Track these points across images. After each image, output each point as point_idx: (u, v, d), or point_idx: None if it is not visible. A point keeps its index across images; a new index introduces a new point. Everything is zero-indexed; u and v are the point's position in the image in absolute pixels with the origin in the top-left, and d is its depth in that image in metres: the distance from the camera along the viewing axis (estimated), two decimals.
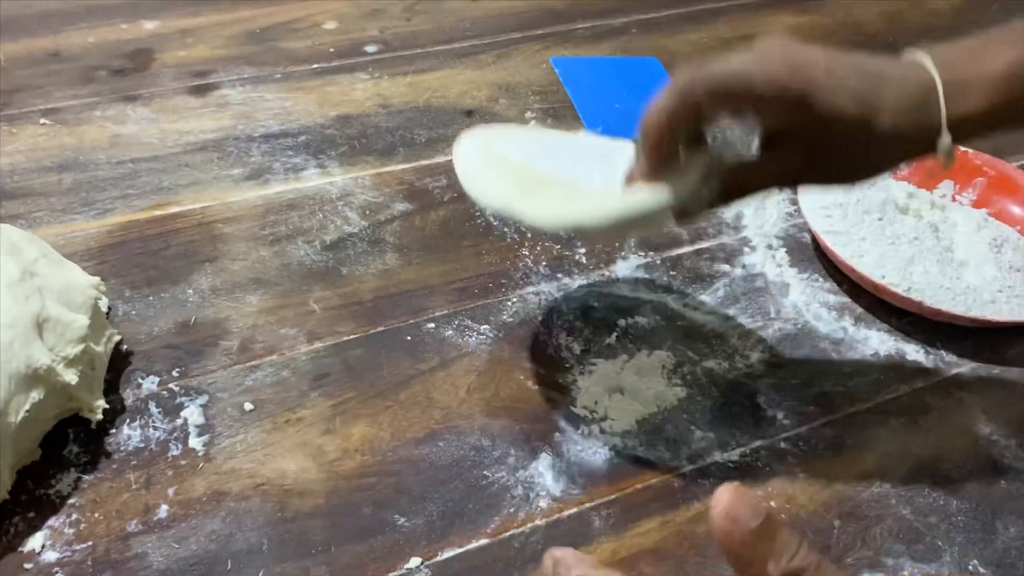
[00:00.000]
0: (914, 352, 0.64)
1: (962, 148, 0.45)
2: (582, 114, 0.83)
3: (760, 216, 0.74)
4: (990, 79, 0.47)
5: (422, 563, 0.49)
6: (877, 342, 0.64)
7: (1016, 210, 0.72)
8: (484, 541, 0.51)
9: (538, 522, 0.52)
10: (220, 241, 0.67)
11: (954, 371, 0.63)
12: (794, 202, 0.73)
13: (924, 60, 0.48)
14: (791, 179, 0.52)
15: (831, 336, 0.65)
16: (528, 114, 0.80)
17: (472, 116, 0.82)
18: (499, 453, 0.55)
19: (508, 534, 0.51)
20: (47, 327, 0.51)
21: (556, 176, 0.52)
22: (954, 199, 0.74)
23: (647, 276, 0.68)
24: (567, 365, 0.60)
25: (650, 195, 0.49)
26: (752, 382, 0.61)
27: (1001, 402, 0.61)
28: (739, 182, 0.52)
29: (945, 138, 0.47)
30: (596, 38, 0.95)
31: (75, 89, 0.81)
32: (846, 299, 0.67)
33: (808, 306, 0.66)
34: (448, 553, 0.50)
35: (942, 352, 0.64)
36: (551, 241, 0.70)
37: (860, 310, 0.66)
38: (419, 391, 0.58)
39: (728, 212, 0.74)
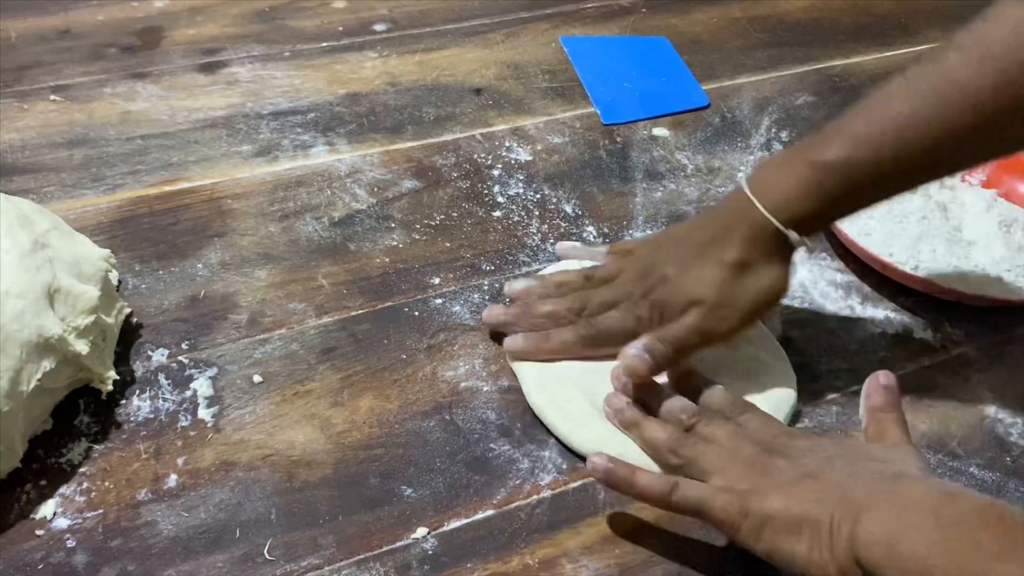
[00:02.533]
0: (921, 330, 0.64)
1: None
2: (591, 93, 0.83)
3: None
4: (806, 186, 0.52)
5: (428, 533, 0.50)
6: (884, 320, 0.64)
7: None
8: (490, 512, 0.51)
9: (544, 494, 0.52)
10: (229, 217, 0.68)
11: (961, 349, 0.63)
12: None
13: (743, 187, 0.54)
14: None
15: (838, 314, 0.65)
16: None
17: (481, 94, 0.82)
18: (506, 426, 0.55)
19: (514, 505, 0.51)
20: (58, 298, 0.51)
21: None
22: (963, 179, 0.74)
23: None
24: None
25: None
26: None
27: (1008, 380, 0.61)
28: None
29: (794, 236, 0.53)
30: (605, 17, 0.94)
31: (85, 66, 0.81)
32: (853, 278, 0.67)
33: (815, 284, 0.66)
34: (454, 523, 0.50)
35: (949, 330, 0.64)
36: (559, 219, 0.70)
37: (867, 289, 0.66)
38: (426, 365, 0.58)
39: None
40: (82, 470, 0.51)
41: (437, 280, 0.64)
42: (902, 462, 0.47)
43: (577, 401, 0.55)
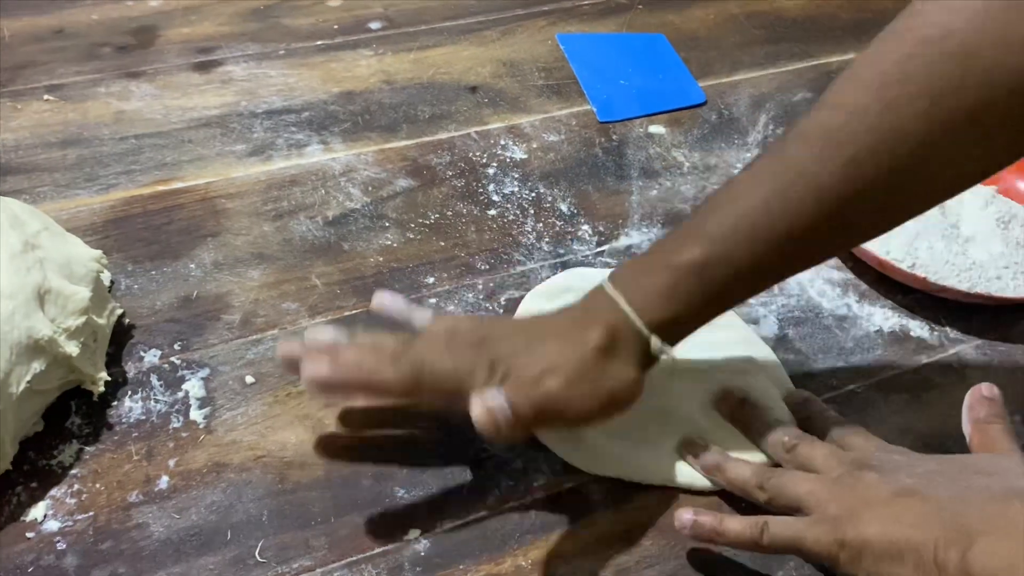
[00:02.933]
0: (918, 328, 0.63)
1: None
2: (587, 91, 0.83)
3: None
4: (665, 290, 0.48)
5: (421, 534, 0.49)
6: (881, 319, 0.64)
7: None
8: (483, 513, 0.51)
9: (537, 495, 0.52)
10: (223, 216, 0.67)
11: (958, 348, 0.62)
12: None
13: (609, 290, 0.49)
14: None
15: (835, 312, 0.64)
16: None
17: (476, 93, 0.81)
18: None
19: (507, 506, 0.51)
20: (48, 299, 0.51)
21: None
22: None
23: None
24: None
25: (701, 480, 0.53)
26: None
27: (1005, 379, 0.60)
28: None
29: (655, 342, 0.49)
30: (602, 14, 0.94)
31: (79, 66, 0.81)
32: (850, 275, 0.67)
33: (812, 282, 0.66)
34: (447, 525, 0.50)
35: (947, 328, 0.64)
36: (554, 218, 0.69)
37: (864, 287, 0.66)
38: None
39: None
40: (73, 472, 0.51)
41: (431, 279, 0.64)
42: (1011, 473, 0.45)
43: None
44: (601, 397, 0.48)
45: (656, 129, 0.79)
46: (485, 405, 0.46)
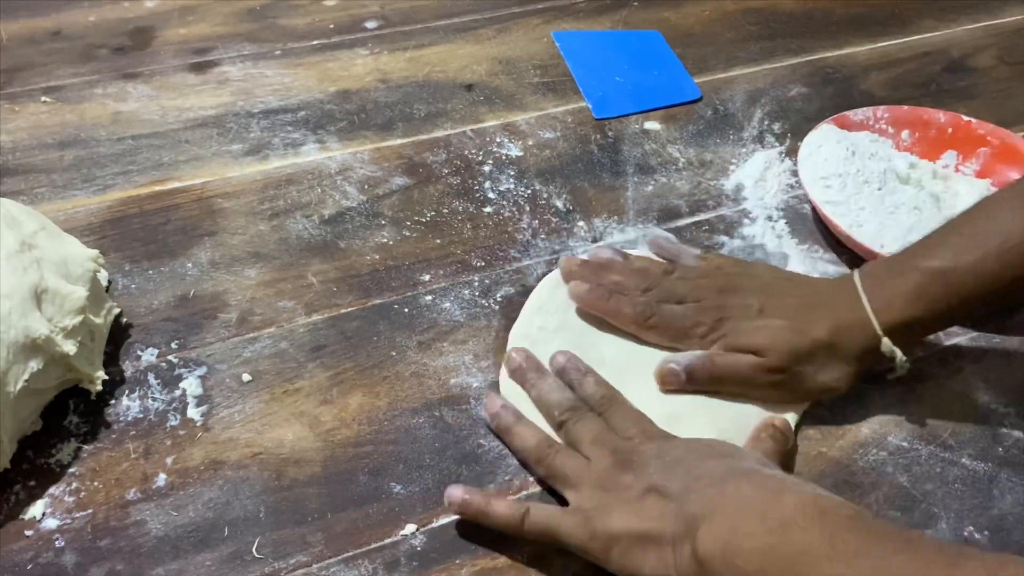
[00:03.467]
0: None
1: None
2: (583, 88, 0.83)
3: (760, 188, 0.73)
4: (911, 291, 0.53)
5: (417, 529, 0.50)
6: None
7: None
8: None
9: (533, 490, 0.52)
10: (219, 216, 0.68)
11: (953, 340, 0.62)
12: (794, 173, 0.73)
13: (857, 283, 0.55)
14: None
15: None
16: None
17: (472, 90, 0.82)
18: None
19: None
20: (45, 298, 0.51)
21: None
22: (957, 169, 0.73)
23: (646, 247, 0.67)
24: None
25: None
26: None
27: (1000, 371, 0.60)
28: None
29: (886, 344, 0.53)
30: (597, 11, 0.94)
31: (76, 67, 0.81)
32: (846, 269, 0.67)
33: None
34: (443, 519, 0.50)
35: None
36: (550, 214, 0.70)
37: None
38: (416, 362, 0.58)
39: (728, 184, 0.74)
40: (71, 470, 0.51)
41: (427, 277, 0.64)
42: (740, 454, 0.48)
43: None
44: (797, 394, 0.55)
45: (652, 125, 0.79)
46: (667, 362, 0.56)
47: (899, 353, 0.53)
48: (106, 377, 0.54)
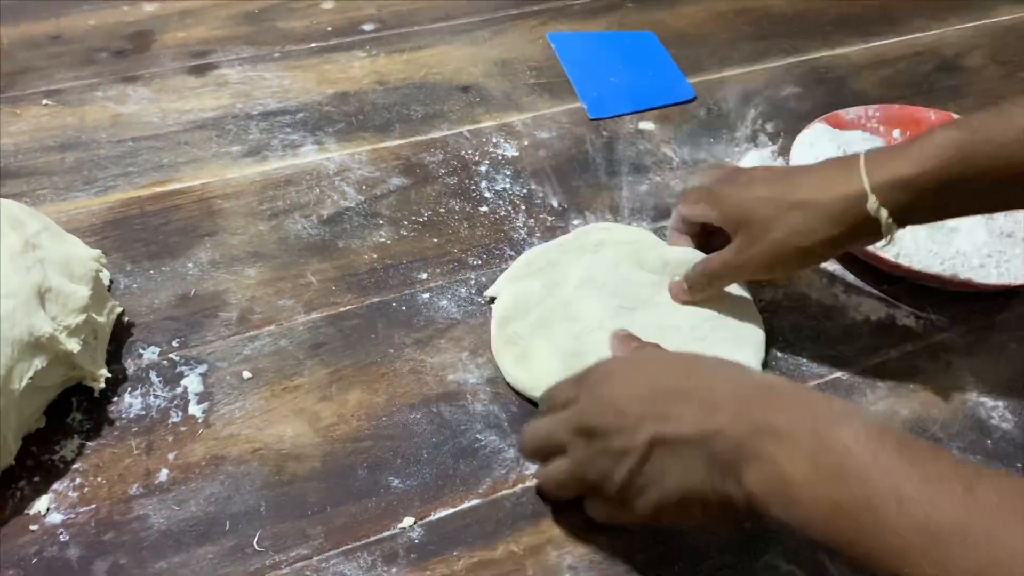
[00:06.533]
0: (904, 317, 0.64)
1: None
2: (577, 88, 0.84)
3: None
4: (916, 151, 0.51)
5: (415, 522, 0.50)
6: (867, 308, 0.65)
7: None
8: (476, 501, 0.52)
9: (529, 483, 0.53)
10: (219, 216, 0.68)
11: (943, 335, 0.63)
12: None
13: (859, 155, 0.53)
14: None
15: (822, 302, 0.65)
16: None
17: (468, 92, 0.83)
18: (492, 418, 0.56)
19: (500, 494, 0.52)
20: (49, 297, 0.52)
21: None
22: None
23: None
24: None
25: None
26: None
27: (989, 365, 0.61)
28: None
29: (872, 200, 0.50)
30: (592, 13, 0.95)
31: (77, 71, 0.82)
32: (837, 266, 0.68)
33: (799, 273, 0.67)
34: (441, 513, 0.51)
35: (932, 316, 0.64)
36: (545, 213, 0.71)
37: (851, 276, 0.67)
38: (414, 359, 0.59)
39: None
40: (75, 466, 0.52)
41: (424, 275, 0.65)
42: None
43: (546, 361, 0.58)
44: (776, 248, 0.55)
45: (646, 125, 0.80)
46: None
47: (885, 213, 0.50)
48: (109, 375, 0.55)
